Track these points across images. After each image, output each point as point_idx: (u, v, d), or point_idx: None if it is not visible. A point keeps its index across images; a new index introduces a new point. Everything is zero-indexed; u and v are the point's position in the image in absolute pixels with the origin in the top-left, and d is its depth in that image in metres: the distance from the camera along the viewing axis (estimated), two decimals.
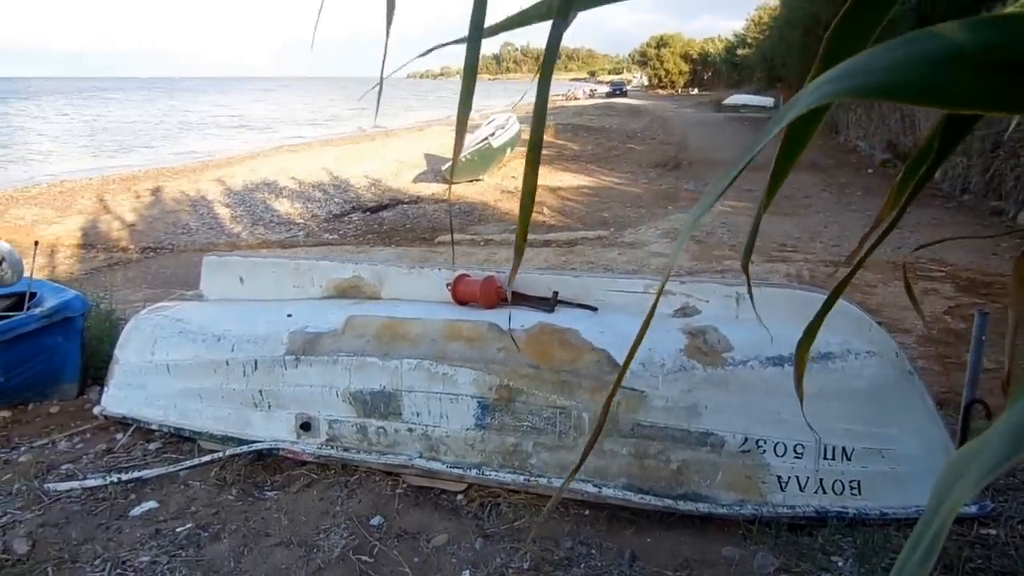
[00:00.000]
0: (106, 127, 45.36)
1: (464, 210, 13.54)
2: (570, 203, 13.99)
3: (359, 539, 3.01)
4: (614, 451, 3.19)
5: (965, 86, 0.56)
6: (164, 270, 10.16)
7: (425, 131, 32.72)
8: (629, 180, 16.90)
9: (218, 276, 4.48)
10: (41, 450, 4.12)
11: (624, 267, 8.53)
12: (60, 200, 15.90)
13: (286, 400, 3.61)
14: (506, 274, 3.93)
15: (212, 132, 42.19)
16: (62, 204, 15.39)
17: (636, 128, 30.19)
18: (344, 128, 43.65)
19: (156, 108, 69.36)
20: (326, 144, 28.53)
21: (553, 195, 14.80)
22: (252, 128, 45.40)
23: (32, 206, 15.26)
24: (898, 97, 0.58)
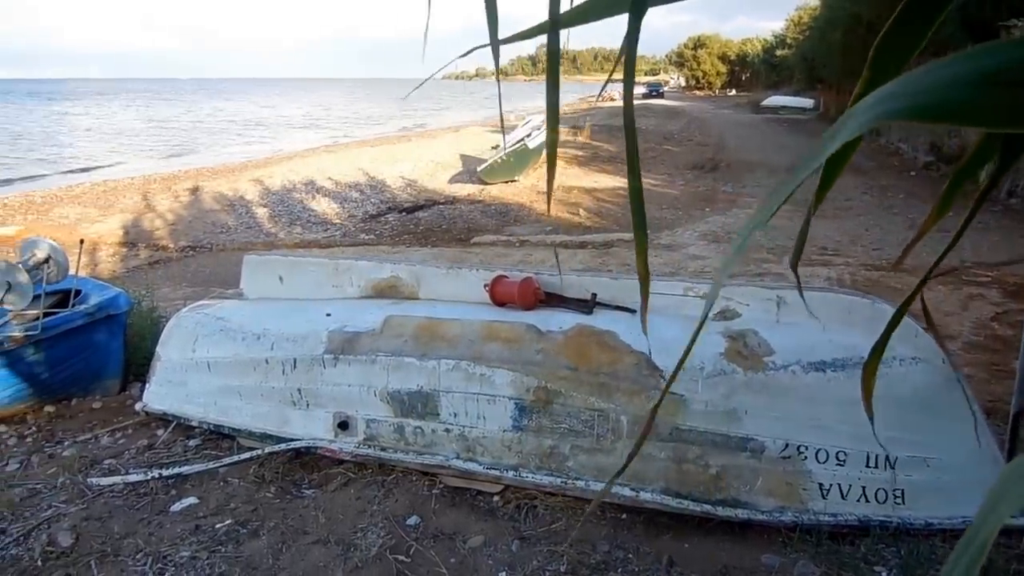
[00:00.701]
0: (148, 127, 46.15)
1: (500, 211, 13.55)
2: (606, 205, 13.93)
3: (396, 539, 3.01)
4: (652, 455, 3.16)
5: (1008, 105, 0.55)
6: (203, 269, 10.30)
7: (460, 132, 32.83)
8: (666, 182, 16.79)
9: (258, 275, 4.52)
10: (84, 445, 4.19)
11: (661, 269, 8.47)
12: (103, 199, 16.19)
13: (324, 399, 3.63)
14: (544, 275, 3.92)
15: (251, 132, 42.73)
16: (105, 203, 15.67)
17: (673, 129, 30.01)
18: (381, 128, 43.93)
19: (198, 108, 70.38)
20: (363, 145, 28.75)
21: (589, 196, 14.76)
22: (290, 128, 45.87)
23: (76, 205, 15.57)
24: (947, 119, 0.56)
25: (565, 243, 10.50)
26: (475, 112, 60.24)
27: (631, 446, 3.22)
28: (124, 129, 45.06)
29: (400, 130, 41.72)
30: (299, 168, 19.79)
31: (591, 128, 26.32)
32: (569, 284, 3.86)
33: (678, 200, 14.44)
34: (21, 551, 3.09)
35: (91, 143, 36.25)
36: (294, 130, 44.58)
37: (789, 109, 41.30)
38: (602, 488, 3.15)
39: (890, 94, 0.58)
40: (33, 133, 42.11)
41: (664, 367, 3.20)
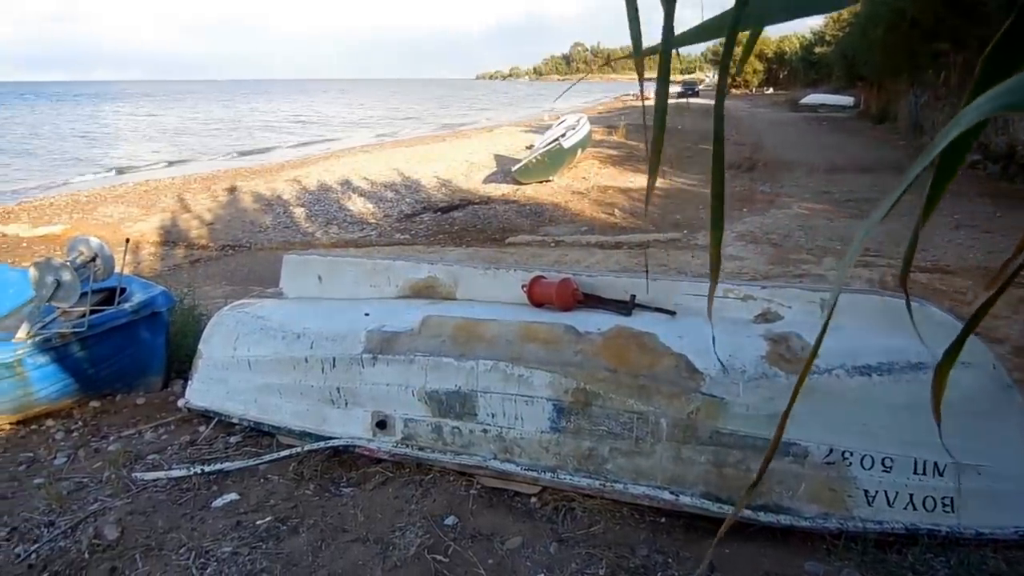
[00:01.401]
0: (192, 127, 46.85)
1: (534, 211, 13.54)
2: (641, 205, 13.86)
3: (434, 538, 3.02)
4: (692, 458, 3.13)
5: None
6: (242, 267, 10.43)
7: (494, 132, 32.87)
8: (702, 182, 16.65)
9: (297, 274, 4.56)
10: (129, 440, 4.27)
11: (698, 270, 8.40)
12: (145, 199, 16.47)
13: (363, 398, 3.65)
14: (582, 276, 3.91)
15: (290, 132, 43.23)
16: (146, 203, 15.93)
17: (708, 129, 29.62)
18: (418, 128, 44.16)
19: (235, 109, 71.26)
20: (397, 145, 28.92)
21: (624, 196, 14.69)
22: (327, 128, 46.28)
23: (119, 204, 15.85)
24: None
25: (600, 243, 10.47)
26: (510, 111, 60.33)
27: (671, 448, 3.20)
28: (166, 129, 45.80)
29: (438, 129, 41.92)
30: (335, 168, 19.96)
31: (626, 128, 26.21)
32: (607, 285, 3.85)
33: None
34: (69, 543, 3.15)
35: (134, 143, 36.91)
36: (334, 129, 45.04)
37: (828, 107, 40.76)
38: (642, 491, 3.13)
39: (1008, 89, 0.58)
40: (80, 133, 43.03)
41: (704, 369, 3.17)
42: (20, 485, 3.84)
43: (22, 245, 12.43)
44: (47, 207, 16.10)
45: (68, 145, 35.86)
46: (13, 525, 3.36)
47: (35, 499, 3.61)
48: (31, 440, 4.56)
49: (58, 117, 59.93)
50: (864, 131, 29.11)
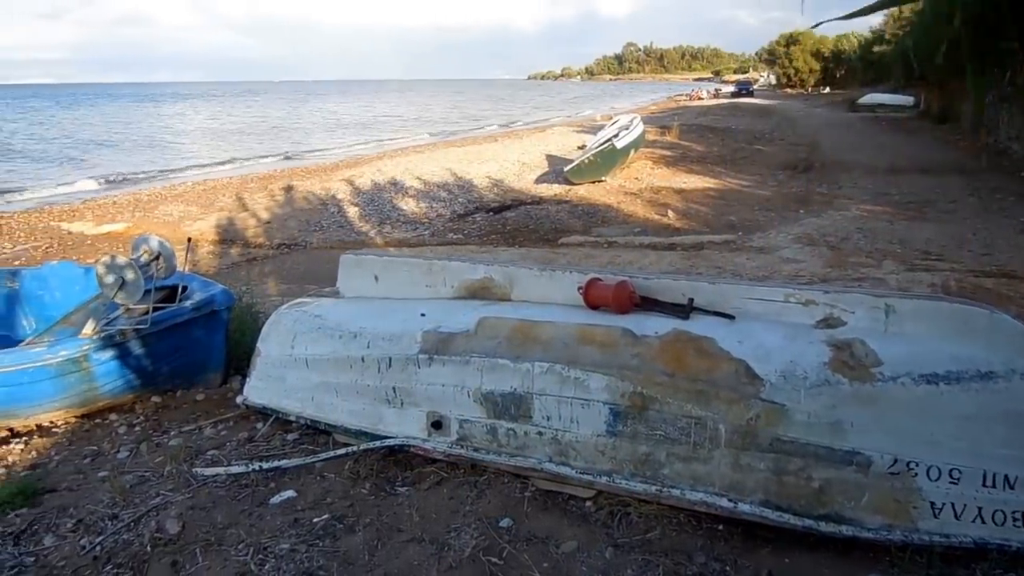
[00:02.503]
0: (248, 127, 47.77)
1: (587, 212, 13.49)
2: (695, 206, 13.71)
3: (489, 540, 3.02)
4: (751, 466, 3.08)
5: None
6: (298, 266, 10.58)
7: (546, 132, 32.86)
8: (757, 182, 16.42)
9: (354, 274, 4.60)
10: (189, 435, 4.36)
11: (754, 273, 8.28)
12: (203, 198, 16.82)
13: (418, 398, 3.67)
14: (639, 278, 3.87)
15: (344, 132, 43.81)
16: (205, 201, 16.27)
17: (764, 129, 29.34)
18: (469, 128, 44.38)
19: (293, 109, 72.41)
20: (450, 145, 29.09)
21: (678, 197, 14.56)
22: (381, 128, 46.78)
23: (179, 203, 16.21)
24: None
25: (653, 244, 10.38)
26: (562, 111, 60.25)
27: (729, 455, 3.16)
28: (224, 129, 46.75)
29: (490, 129, 42.06)
30: (388, 168, 20.14)
31: (679, 128, 25.97)
32: (664, 288, 3.80)
33: (770, 201, 14.10)
34: (132, 536, 3.22)
35: (193, 143, 37.76)
36: (387, 129, 45.52)
37: (887, 107, 39.83)
38: (700, 497, 3.09)
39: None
40: (143, 133, 44.18)
41: (764, 375, 3.11)
42: (85, 478, 3.95)
43: (86, 243, 12.79)
44: (110, 205, 16.55)
45: (132, 144, 36.87)
46: (79, 517, 3.45)
47: (99, 492, 3.70)
48: (95, 434, 4.68)
49: (123, 117, 61.67)
50: (924, 131, 28.40)
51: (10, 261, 11.32)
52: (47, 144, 38.50)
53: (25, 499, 3.66)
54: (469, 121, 52.43)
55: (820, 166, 18.85)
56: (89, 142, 38.70)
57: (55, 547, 3.23)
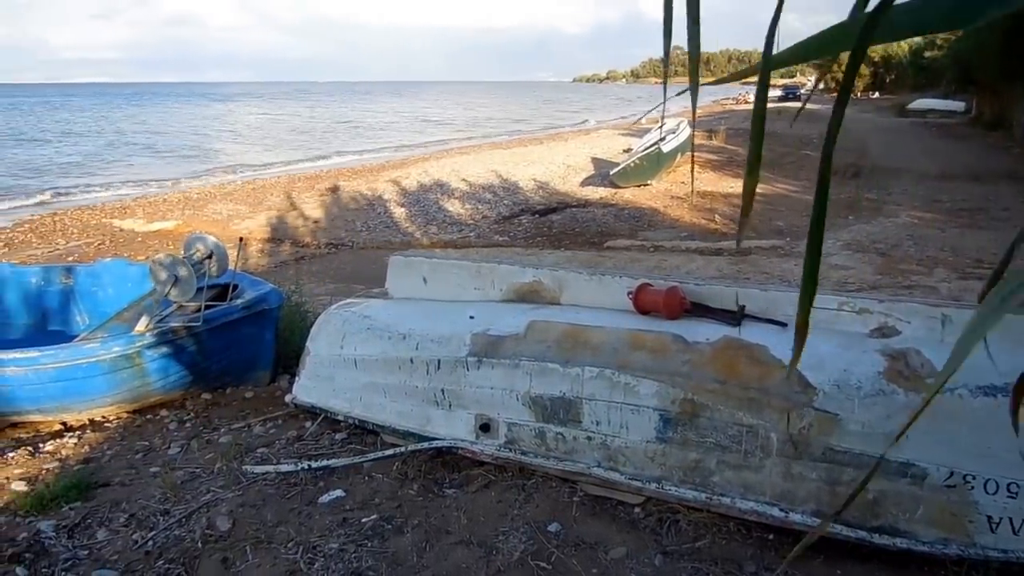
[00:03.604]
0: (299, 127, 48.46)
1: (633, 215, 13.42)
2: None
3: (537, 544, 3.00)
4: (803, 475, 3.02)
5: None
6: (345, 266, 10.67)
7: (591, 134, 32.78)
8: (805, 188, 16.18)
9: (403, 275, 4.62)
10: (238, 433, 4.41)
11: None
12: (252, 197, 17.06)
13: (467, 400, 3.66)
14: (689, 284, 3.82)
15: (390, 133, 44.21)
16: (254, 201, 16.50)
17: (811, 134, 28.83)
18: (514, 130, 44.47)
19: (340, 110, 73.23)
20: (495, 147, 29.15)
21: (724, 202, 14.41)
22: (427, 129, 47.10)
23: (228, 202, 16.46)
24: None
25: (700, 249, 10.28)
26: (607, 114, 60.09)
27: (781, 464, 3.10)
28: (272, 129, 47.41)
29: (535, 131, 42.09)
30: (433, 169, 20.24)
31: (726, 132, 25.71)
32: (715, 294, 3.75)
33: None
34: (183, 532, 3.27)
35: (242, 142, 38.37)
36: (433, 131, 45.83)
37: (938, 112, 39.00)
38: (750, 506, 3.03)
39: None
40: (194, 132, 45.04)
41: (817, 384, 3.05)
42: (137, 473, 4.01)
43: (137, 240, 13.05)
44: (160, 203, 16.87)
45: (182, 143, 37.59)
46: (131, 512, 3.51)
47: (151, 487, 3.76)
48: (147, 429, 4.76)
49: (173, 116, 62.94)
50: (976, 138, 27.76)
51: (63, 257, 11.60)
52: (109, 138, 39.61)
53: (79, 493, 3.73)
54: (514, 123, 52.51)
55: (869, 171, 18.50)
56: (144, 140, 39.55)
57: (108, 541, 3.28)
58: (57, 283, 6.45)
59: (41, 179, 24.70)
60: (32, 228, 14.49)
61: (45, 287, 6.45)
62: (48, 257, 11.72)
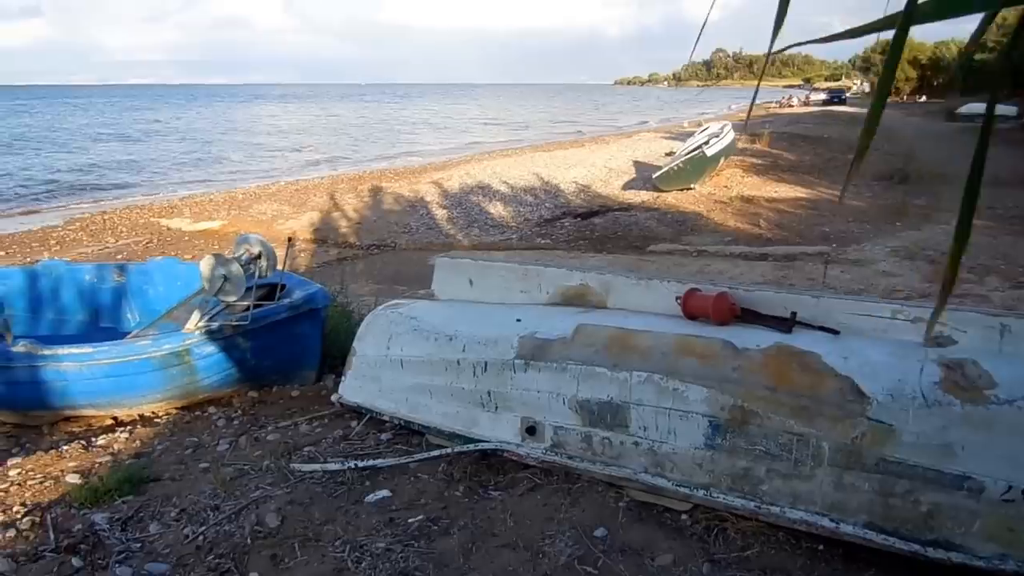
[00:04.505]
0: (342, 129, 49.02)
1: (676, 219, 13.33)
2: (787, 215, 13.40)
3: (583, 549, 2.99)
4: (855, 485, 2.97)
5: None
6: (388, 267, 10.75)
7: (633, 137, 32.63)
8: (851, 193, 15.91)
9: (449, 277, 4.64)
10: (285, 431, 4.46)
11: (848, 286, 8.03)
12: (296, 197, 17.26)
13: (513, 403, 3.67)
14: (739, 290, 3.79)
15: (431, 134, 44.48)
16: (297, 201, 16.69)
17: (857, 138, 28.42)
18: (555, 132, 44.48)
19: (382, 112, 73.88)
20: (536, 149, 29.16)
21: (769, 206, 14.25)
22: (468, 131, 47.28)
23: (273, 202, 16.67)
24: None
25: (745, 254, 10.18)
26: (648, 116, 59.82)
27: (832, 474, 3.05)
28: (316, 130, 47.98)
29: (576, 134, 42.06)
30: (475, 171, 20.31)
31: (770, 135, 25.42)
32: (765, 300, 3.71)
33: (865, 213, 13.65)
34: (233, 528, 3.31)
35: (287, 142, 38.90)
36: (475, 132, 46.04)
37: None
38: (800, 516, 2.99)
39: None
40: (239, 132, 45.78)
41: (871, 393, 3.00)
42: (187, 468, 4.08)
43: (184, 239, 13.28)
44: (206, 203, 17.15)
45: (227, 144, 38.20)
46: (182, 507, 3.56)
47: (201, 483, 3.82)
48: (196, 426, 4.84)
49: (220, 117, 64.08)
50: None
51: (113, 255, 11.84)
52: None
53: (132, 487, 3.80)
54: (555, 125, 52.49)
55: (917, 177, 18.15)
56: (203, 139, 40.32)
57: (160, 535, 3.33)
58: (110, 280, 6.59)
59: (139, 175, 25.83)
60: (83, 226, 14.82)
61: (98, 284, 6.59)
62: (98, 255, 11.98)
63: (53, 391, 4.91)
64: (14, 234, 14.41)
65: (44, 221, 16.10)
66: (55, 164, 28.68)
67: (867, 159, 3.63)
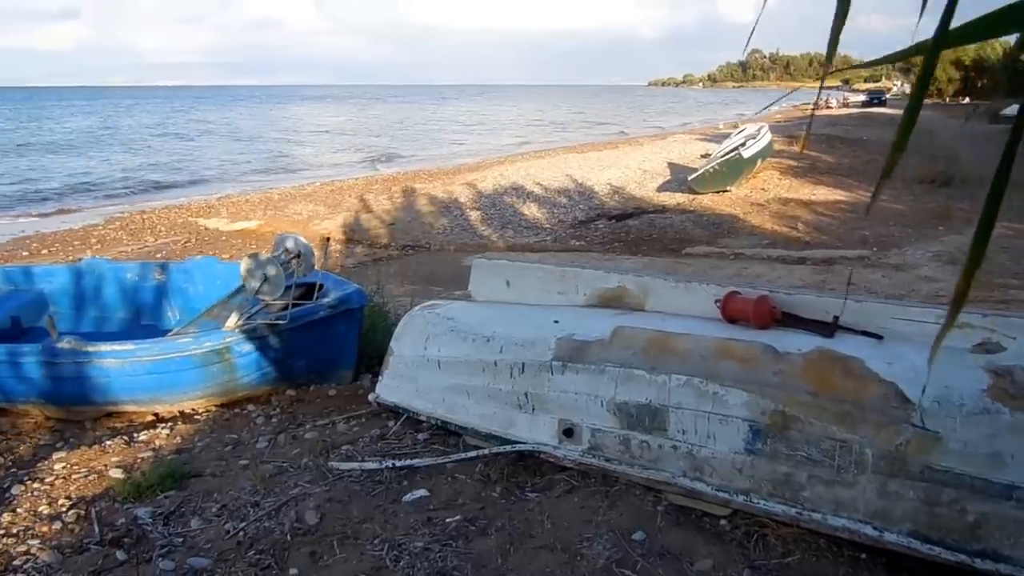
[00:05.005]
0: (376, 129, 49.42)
1: (712, 222, 13.23)
2: (825, 218, 13.24)
3: (622, 552, 2.98)
4: (899, 494, 2.92)
5: None
6: (422, 267, 10.79)
7: (667, 139, 32.46)
8: (891, 196, 15.67)
9: (486, 278, 4.65)
10: (323, 429, 4.49)
11: (889, 291, 7.91)
12: (330, 198, 17.41)
13: (550, 405, 3.66)
14: (779, 294, 3.74)
15: (466, 135, 44.66)
16: (332, 202, 16.83)
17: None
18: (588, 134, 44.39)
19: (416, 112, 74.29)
20: (570, 151, 29.13)
21: (807, 209, 14.09)
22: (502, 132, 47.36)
23: (308, 202, 16.83)
24: None
25: (782, 258, 10.08)
26: (683, 118, 59.50)
27: (876, 481, 3.00)
28: (349, 131, 48.36)
29: (610, 135, 41.96)
30: (509, 173, 20.33)
31: (808, 138, 25.13)
32: (807, 304, 3.66)
33: (906, 216, 13.45)
34: (273, 524, 3.34)
35: (321, 144, 39.28)
36: (509, 133, 46.13)
37: None
38: (842, 523, 2.95)
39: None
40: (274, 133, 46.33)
41: (916, 399, 2.95)
42: (227, 465, 4.13)
43: (221, 238, 13.45)
44: (243, 203, 17.35)
45: (263, 145, 38.68)
46: (223, 503, 3.61)
47: (241, 479, 3.86)
48: (235, 423, 4.89)
49: (254, 119, 64.89)
50: None
51: (152, 254, 12.03)
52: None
53: (173, 482, 3.86)
54: (589, 127, 52.42)
55: (960, 180, 17.83)
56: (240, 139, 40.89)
57: (201, 530, 3.38)
58: (151, 279, 6.69)
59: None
60: (123, 225, 15.08)
61: (140, 282, 6.70)
62: (138, 254, 12.18)
63: (96, 387, 5.00)
64: (56, 232, 14.71)
65: (85, 220, 16.41)
66: (141, 160, 30.23)
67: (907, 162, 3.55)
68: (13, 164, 28.99)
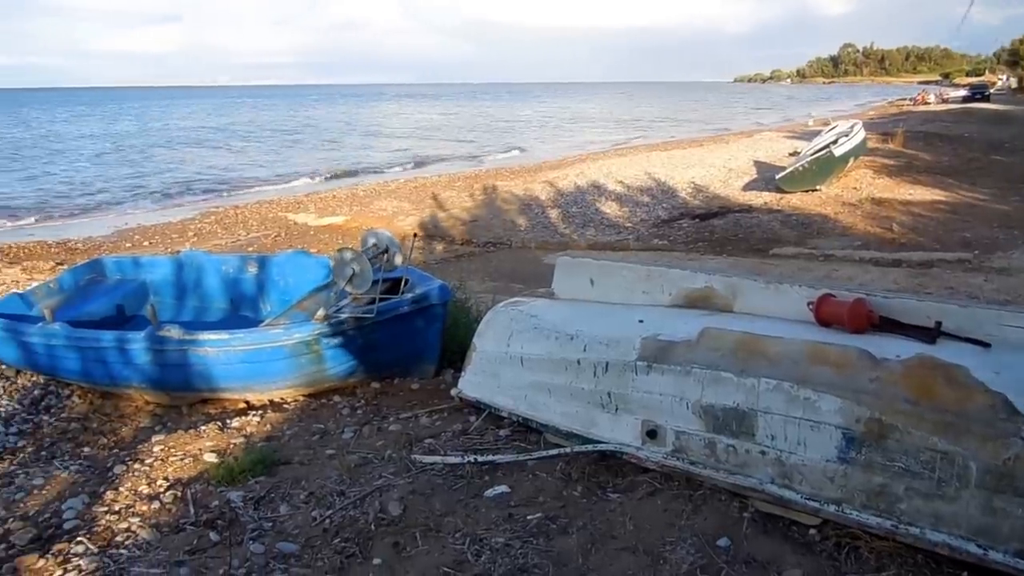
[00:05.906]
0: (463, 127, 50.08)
1: (801, 222, 12.88)
2: (923, 219, 12.73)
3: (706, 559, 2.92)
4: (1006, 510, 2.77)
5: None
6: (503, 264, 10.83)
7: (754, 137, 31.77)
8: (994, 196, 14.99)
9: (570, 276, 4.62)
10: (406, 422, 4.55)
11: (992, 296, 7.55)
12: (414, 195, 17.65)
13: (634, 405, 3.61)
14: (877, 297, 3.61)
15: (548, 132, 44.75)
16: (415, 198, 17.06)
17: (1002, 137, 26.72)
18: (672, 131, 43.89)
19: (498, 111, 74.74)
20: (652, 148, 28.81)
21: (903, 210, 13.58)
22: (583, 130, 47.22)
23: (391, 199, 17.10)
24: None
25: (876, 259, 9.74)
26: (770, 115, 58.19)
27: (980, 496, 2.86)
28: (433, 128, 48.95)
29: (694, 133, 41.36)
30: (589, 171, 20.23)
31: (904, 135, 24.24)
32: (906, 309, 3.52)
33: (1011, 217, 12.82)
34: (358, 513, 3.40)
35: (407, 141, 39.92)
36: (590, 131, 45.98)
37: None
38: (943, 539, 2.82)
39: None
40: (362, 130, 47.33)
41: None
42: (314, 454, 4.22)
43: (310, 233, 13.79)
44: (330, 199, 17.75)
45: (353, 141, 39.57)
46: (310, 490, 3.69)
47: (327, 468, 3.94)
48: (322, 413, 5.00)
49: (344, 117, 66.44)
50: None
51: (244, 247, 12.42)
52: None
53: (264, 468, 3.97)
54: (672, 124, 51.74)
55: None
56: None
57: (289, 516, 3.46)
58: (245, 271, 6.90)
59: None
60: (217, 220, 15.61)
61: (236, 274, 6.92)
62: (232, 246, 12.59)
63: (194, 374, 5.19)
64: (155, 225, 15.33)
65: (183, 214, 17.05)
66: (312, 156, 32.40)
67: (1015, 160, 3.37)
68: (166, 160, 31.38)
